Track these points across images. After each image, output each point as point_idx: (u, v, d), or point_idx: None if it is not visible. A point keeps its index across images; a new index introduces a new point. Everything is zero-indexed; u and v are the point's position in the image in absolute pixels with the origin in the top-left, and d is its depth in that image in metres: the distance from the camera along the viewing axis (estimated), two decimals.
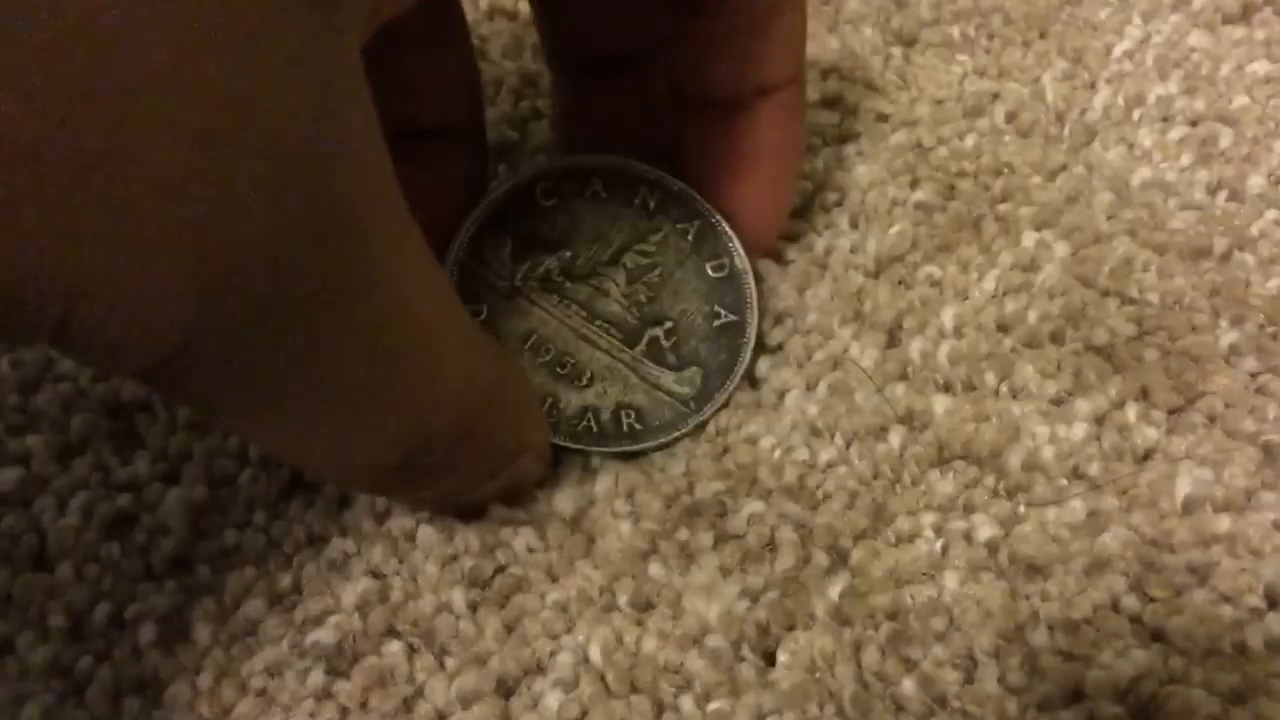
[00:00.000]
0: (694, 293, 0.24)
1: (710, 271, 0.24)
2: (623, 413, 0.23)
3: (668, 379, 0.23)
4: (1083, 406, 0.23)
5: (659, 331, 0.24)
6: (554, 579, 0.22)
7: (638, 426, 0.23)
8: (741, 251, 0.24)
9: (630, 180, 0.25)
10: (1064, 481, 0.22)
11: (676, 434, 0.23)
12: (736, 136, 0.24)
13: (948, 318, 0.25)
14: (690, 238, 0.24)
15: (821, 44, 0.30)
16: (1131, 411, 0.23)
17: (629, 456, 0.23)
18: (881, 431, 0.23)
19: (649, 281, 0.24)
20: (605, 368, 0.23)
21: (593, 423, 0.23)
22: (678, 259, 0.24)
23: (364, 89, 0.15)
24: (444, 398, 0.19)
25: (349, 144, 0.15)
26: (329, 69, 0.14)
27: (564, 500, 0.22)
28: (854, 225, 0.27)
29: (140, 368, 0.14)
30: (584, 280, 0.24)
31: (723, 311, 0.24)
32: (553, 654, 0.21)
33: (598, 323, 0.24)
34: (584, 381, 0.23)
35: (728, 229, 0.24)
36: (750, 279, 0.24)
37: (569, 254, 0.24)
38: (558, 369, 0.23)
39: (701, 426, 0.23)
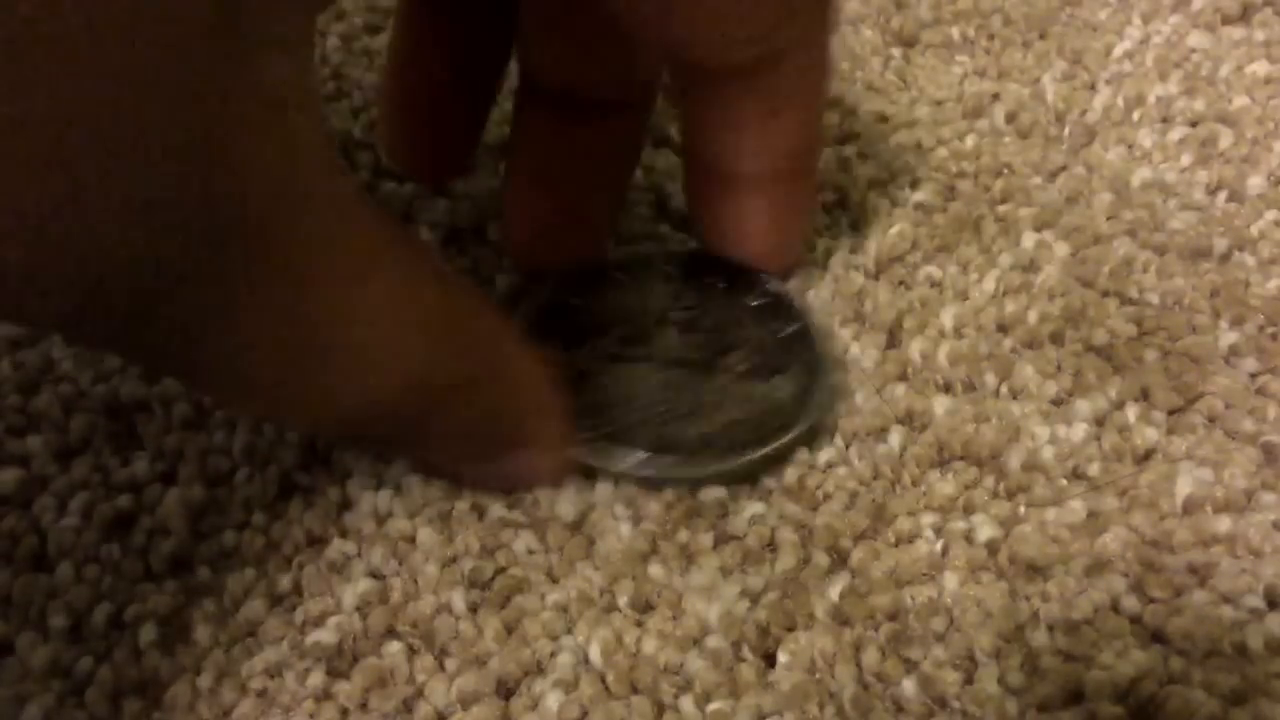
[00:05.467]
0: (749, 322, 0.24)
1: (752, 303, 0.24)
2: (737, 429, 0.23)
3: (760, 389, 0.23)
4: (1083, 407, 0.23)
5: (733, 358, 0.23)
6: (554, 580, 0.22)
7: (750, 438, 0.23)
8: (777, 280, 0.24)
9: (645, 259, 0.25)
10: (1064, 482, 0.22)
11: (788, 438, 0.23)
12: (739, 201, 0.23)
13: (948, 318, 0.25)
14: (723, 285, 0.24)
15: None
16: (1131, 412, 0.23)
17: (748, 471, 0.23)
18: (881, 432, 0.23)
19: (703, 327, 0.24)
20: (700, 403, 0.23)
21: (710, 446, 0.23)
22: (721, 303, 0.24)
23: (283, 106, 0.15)
24: (386, 378, 0.18)
25: (250, 164, 0.15)
26: (221, 100, 0.14)
27: (565, 504, 0.22)
28: (854, 225, 0.27)
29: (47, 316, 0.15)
30: (640, 343, 0.24)
31: (782, 326, 0.24)
32: (553, 655, 0.21)
33: (673, 370, 0.23)
34: (687, 411, 0.23)
35: (757, 272, 0.24)
36: (793, 298, 0.24)
37: (617, 331, 0.24)
38: (657, 415, 0.23)
39: (811, 429, 0.23)
